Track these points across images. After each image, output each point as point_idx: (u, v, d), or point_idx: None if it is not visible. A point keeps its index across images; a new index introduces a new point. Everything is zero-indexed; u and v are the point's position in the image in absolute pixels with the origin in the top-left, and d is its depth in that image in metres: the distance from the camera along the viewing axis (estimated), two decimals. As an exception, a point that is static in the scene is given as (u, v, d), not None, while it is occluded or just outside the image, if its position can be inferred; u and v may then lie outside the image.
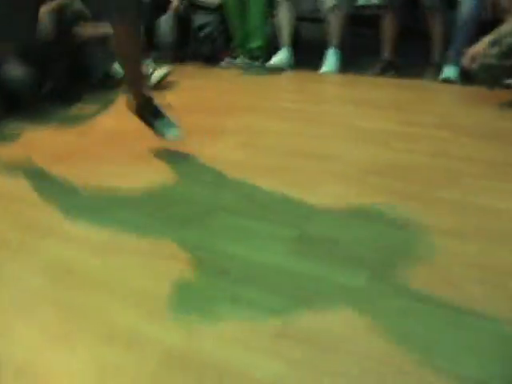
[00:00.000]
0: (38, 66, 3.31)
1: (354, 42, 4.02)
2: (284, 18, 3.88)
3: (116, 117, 3.21)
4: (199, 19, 4.43)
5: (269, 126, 2.89)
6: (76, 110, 3.47)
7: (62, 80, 3.55)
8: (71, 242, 1.86)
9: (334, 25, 3.77)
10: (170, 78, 3.79)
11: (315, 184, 2.14)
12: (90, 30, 3.72)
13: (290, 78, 3.85)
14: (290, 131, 2.80)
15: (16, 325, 1.46)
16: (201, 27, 4.38)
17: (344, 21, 3.81)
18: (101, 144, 2.80)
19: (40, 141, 2.92)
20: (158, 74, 3.72)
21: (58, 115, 3.34)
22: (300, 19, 4.20)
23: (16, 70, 3.24)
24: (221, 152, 2.54)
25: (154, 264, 1.69)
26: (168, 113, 2.53)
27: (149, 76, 3.67)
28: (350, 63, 3.86)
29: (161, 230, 1.90)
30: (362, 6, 3.93)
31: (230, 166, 2.35)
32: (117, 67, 3.71)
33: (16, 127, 3.16)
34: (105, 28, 3.78)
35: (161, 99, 2.68)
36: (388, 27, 3.60)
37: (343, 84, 3.76)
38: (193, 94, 3.65)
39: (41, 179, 2.42)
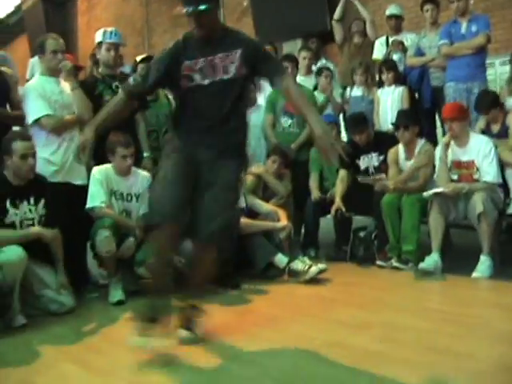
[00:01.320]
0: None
1: (508, 249, 4.41)
2: (436, 223, 4.43)
3: (272, 304, 3.87)
4: (358, 221, 5.14)
5: (409, 323, 3.32)
6: (235, 294, 4.16)
7: (226, 268, 4.30)
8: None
9: (484, 232, 4.23)
10: (324, 275, 4.39)
11: (445, 379, 2.51)
12: (256, 224, 4.53)
13: (438, 282, 4.29)
14: (429, 329, 3.19)
15: None
16: (359, 229, 5.05)
17: (493, 228, 4.25)
18: (256, 325, 3.38)
19: None
20: (313, 269, 4.37)
21: (219, 296, 4.07)
22: (452, 226, 4.73)
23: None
24: (361, 343, 3.03)
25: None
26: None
27: (304, 272, 4.32)
28: (503, 270, 4.23)
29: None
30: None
31: (367, 356, 2.82)
32: (280, 258, 4.42)
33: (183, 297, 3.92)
34: (271, 223, 4.64)
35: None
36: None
37: (493, 289, 4.15)
38: (344, 289, 4.24)
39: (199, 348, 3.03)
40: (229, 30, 3.16)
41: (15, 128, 4.55)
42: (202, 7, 2.88)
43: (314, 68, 6.54)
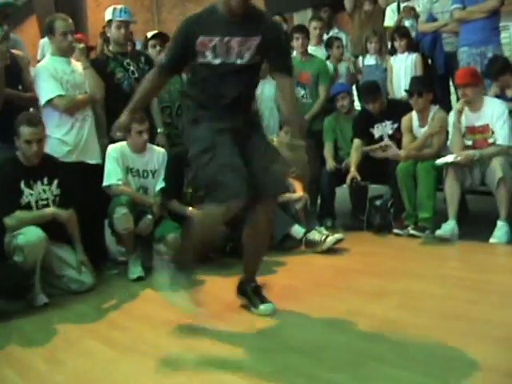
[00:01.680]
0: (225, 225, 4.16)
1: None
2: (451, 190, 4.42)
3: (289, 275, 3.91)
4: (374, 190, 5.14)
5: (426, 290, 3.34)
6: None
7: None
8: None
9: (502, 197, 4.22)
10: (341, 245, 4.42)
11: (462, 344, 2.53)
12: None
13: (456, 248, 4.33)
14: (446, 295, 3.21)
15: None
16: (374, 198, 5.05)
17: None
18: (273, 295, 3.42)
19: (221, 289, 3.69)
20: (330, 240, 4.40)
21: (239, 269, 4.10)
22: (468, 192, 4.71)
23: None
24: (379, 311, 3.07)
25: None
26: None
27: (321, 242, 4.34)
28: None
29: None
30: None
31: (385, 324, 2.86)
32: (297, 229, 4.44)
33: (202, 276, 3.99)
34: (286, 195, 4.65)
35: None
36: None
37: (511, 255, 4.13)
38: (361, 258, 4.26)
39: (221, 321, 3.09)
40: (255, 11, 3.08)
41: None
42: None
43: (325, 37, 6.50)
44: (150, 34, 5.38)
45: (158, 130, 4.85)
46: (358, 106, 6.04)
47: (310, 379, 2.35)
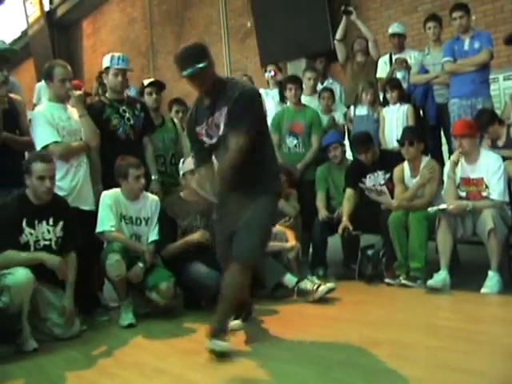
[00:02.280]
0: (217, 269, 4.19)
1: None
2: (444, 240, 4.47)
3: (282, 324, 3.92)
4: (366, 240, 5.18)
5: (418, 340, 3.36)
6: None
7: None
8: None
9: (493, 248, 4.28)
10: (333, 294, 4.44)
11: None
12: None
13: (447, 298, 4.35)
14: (438, 346, 3.22)
15: None
16: (366, 247, 5.09)
17: (502, 243, 4.29)
18: (265, 344, 3.46)
19: None
20: (322, 289, 4.41)
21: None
22: (460, 242, 4.77)
23: (204, 270, 4.22)
24: (370, 361, 3.06)
25: None
26: None
27: (313, 291, 4.36)
28: (511, 286, 4.27)
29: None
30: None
31: (377, 374, 2.87)
32: (289, 278, 4.47)
33: (194, 323, 4.08)
34: (279, 244, 4.69)
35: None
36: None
37: (502, 305, 4.18)
38: (353, 307, 4.28)
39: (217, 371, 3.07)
40: (227, 83, 3.41)
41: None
42: (197, 67, 3.22)
43: (319, 87, 6.63)
44: (146, 82, 5.47)
45: (153, 177, 4.90)
46: (350, 155, 6.12)
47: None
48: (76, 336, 3.95)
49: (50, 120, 4.37)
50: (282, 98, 6.39)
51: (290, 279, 4.53)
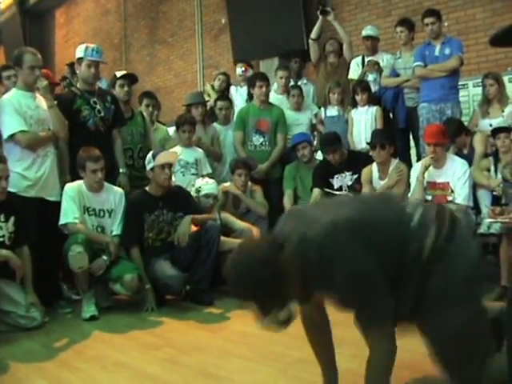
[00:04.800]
0: (184, 269, 4.21)
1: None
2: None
3: (245, 321, 3.90)
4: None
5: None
6: (209, 310, 4.24)
7: (203, 283, 4.38)
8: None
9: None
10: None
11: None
12: (230, 241, 4.60)
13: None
14: (401, 346, 3.23)
15: None
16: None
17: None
18: (229, 341, 3.45)
19: (175, 332, 3.75)
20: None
21: (192, 313, 4.12)
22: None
23: (168, 270, 4.19)
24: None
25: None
26: None
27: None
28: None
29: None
30: (483, 234, 4.48)
31: (340, 374, 2.82)
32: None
33: (157, 318, 4.10)
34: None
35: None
36: (505, 254, 4.07)
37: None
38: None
39: (173, 365, 3.07)
40: None
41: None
42: None
43: (291, 86, 6.66)
44: (118, 74, 5.44)
45: (120, 170, 4.87)
46: (319, 155, 6.16)
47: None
48: (37, 327, 3.91)
49: (18, 108, 4.30)
50: (250, 96, 6.40)
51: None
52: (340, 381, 2.76)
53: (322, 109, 6.24)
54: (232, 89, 6.98)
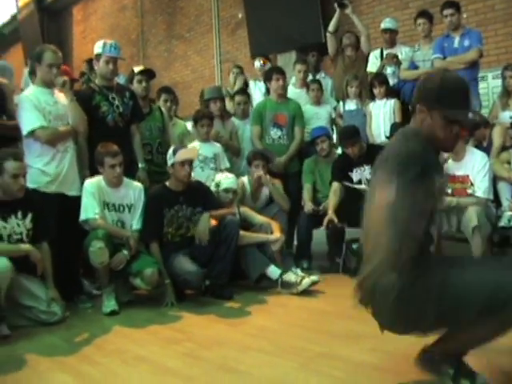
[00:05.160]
0: (203, 266, 4.21)
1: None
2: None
3: (265, 315, 3.93)
4: (351, 233, 5.19)
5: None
6: (229, 305, 4.24)
7: (222, 278, 4.38)
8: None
9: (477, 245, 4.30)
10: (317, 287, 4.45)
11: None
12: (250, 236, 4.59)
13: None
14: (419, 340, 3.22)
15: None
16: (351, 241, 5.09)
17: (486, 241, 4.31)
18: (249, 335, 3.46)
19: (195, 326, 3.76)
20: (306, 281, 4.42)
21: (212, 307, 4.13)
22: (444, 237, 4.78)
23: (187, 265, 4.18)
24: (353, 354, 3.06)
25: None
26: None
27: (297, 283, 4.37)
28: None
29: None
30: (504, 228, 4.43)
31: (359, 368, 2.87)
32: (273, 270, 4.47)
33: (176, 312, 4.12)
34: (264, 236, 4.70)
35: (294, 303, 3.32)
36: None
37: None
38: (336, 301, 4.25)
39: (193, 359, 3.08)
40: None
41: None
42: None
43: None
44: (136, 69, 5.44)
45: (139, 165, 4.88)
46: (338, 149, 6.13)
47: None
48: (58, 322, 3.93)
49: (37, 104, 4.32)
50: (268, 90, 6.38)
51: (273, 271, 4.54)
52: (355, 373, 2.76)
53: (341, 102, 6.21)
54: (250, 83, 6.98)
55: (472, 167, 4.57)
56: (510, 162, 4.77)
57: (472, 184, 4.56)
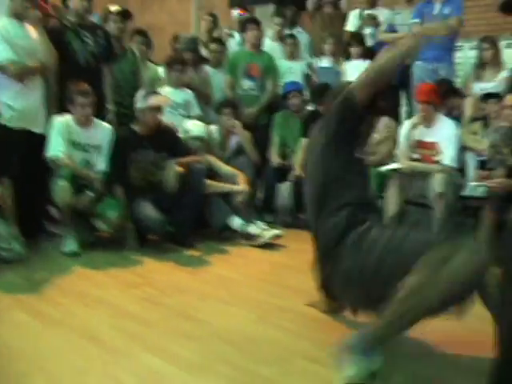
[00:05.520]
0: (167, 212, 4.19)
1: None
2: (393, 198, 4.54)
3: (225, 265, 3.95)
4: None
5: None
6: (190, 253, 4.28)
7: (185, 226, 4.38)
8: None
9: (440, 211, 4.38)
10: (279, 241, 4.50)
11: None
12: (215, 185, 4.58)
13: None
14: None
15: None
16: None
17: (450, 208, 4.38)
18: (209, 285, 3.49)
19: (155, 272, 3.78)
20: (268, 234, 4.45)
21: (173, 254, 4.16)
22: (407, 202, 4.85)
23: (150, 212, 4.16)
24: (311, 309, 3.09)
25: None
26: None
27: (259, 236, 4.40)
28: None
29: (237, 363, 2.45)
30: (467, 197, 4.51)
31: (316, 322, 2.92)
32: (236, 220, 4.50)
33: (138, 257, 4.12)
34: (229, 186, 4.69)
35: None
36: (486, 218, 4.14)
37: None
38: (298, 255, 4.29)
39: (153, 304, 3.10)
40: None
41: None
42: None
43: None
44: (113, 8, 5.31)
45: (109, 107, 4.81)
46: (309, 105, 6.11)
47: (235, 370, 2.37)
48: (19, 260, 3.90)
49: (7, 37, 4.20)
50: (244, 41, 6.30)
51: (237, 222, 4.56)
52: (313, 327, 2.82)
53: (316, 59, 6.17)
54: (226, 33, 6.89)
55: (441, 135, 4.61)
56: (479, 134, 4.83)
57: (439, 151, 4.61)
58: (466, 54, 6.75)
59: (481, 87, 5.21)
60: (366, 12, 6.33)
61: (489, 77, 5.30)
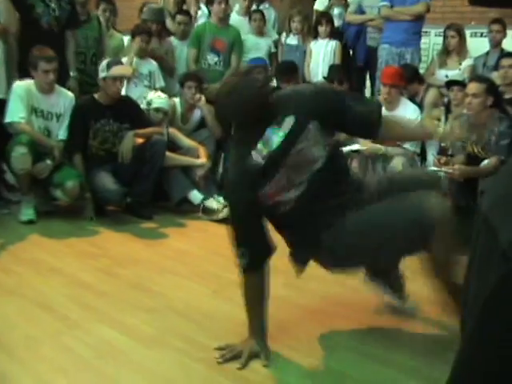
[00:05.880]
0: (126, 183, 4.17)
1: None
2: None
3: (183, 239, 3.96)
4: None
5: (315, 273, 3.43)
6: (147, 225, 4.27)
7: (143, 197, 4.38)
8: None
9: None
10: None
11: (339, 326, 2.65)
12: (175, 158, 4.56)
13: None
14: (334, 280, 3.33)
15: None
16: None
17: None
18: (165, 257, 3.48)
19: (112, 243, 3.78)
20: (227, 209, 4.42)
21: (131, 226, 4.14)
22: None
23: (108, 183, 4.13)
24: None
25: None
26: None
27: (218, 211, 4.42)
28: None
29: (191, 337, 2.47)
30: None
31: (271, 300, 2.90)
32: (195, 194, 4.49)
33: (94, 227, 4.10)
34: (190, 159, 4.68)
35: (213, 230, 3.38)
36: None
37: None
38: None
39: (108, 275, 3.10)
40: None
41: None
42: None
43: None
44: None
45: (71, 74, 4.73)
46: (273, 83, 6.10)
47: (189, 344, 2.41)
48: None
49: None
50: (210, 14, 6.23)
51: (196, 195, 4.56)
52: (271, 307, 2.83)
53: (283, 36, 6.16)
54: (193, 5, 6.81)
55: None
56: (440, 120, 4.90)
57: (401, 135, 4.66)
58: (431, 40, 6.83)
59: (444, 74, 5.28)
60: (336, -9, 6.32)
61: (453, 64, 5.37)
